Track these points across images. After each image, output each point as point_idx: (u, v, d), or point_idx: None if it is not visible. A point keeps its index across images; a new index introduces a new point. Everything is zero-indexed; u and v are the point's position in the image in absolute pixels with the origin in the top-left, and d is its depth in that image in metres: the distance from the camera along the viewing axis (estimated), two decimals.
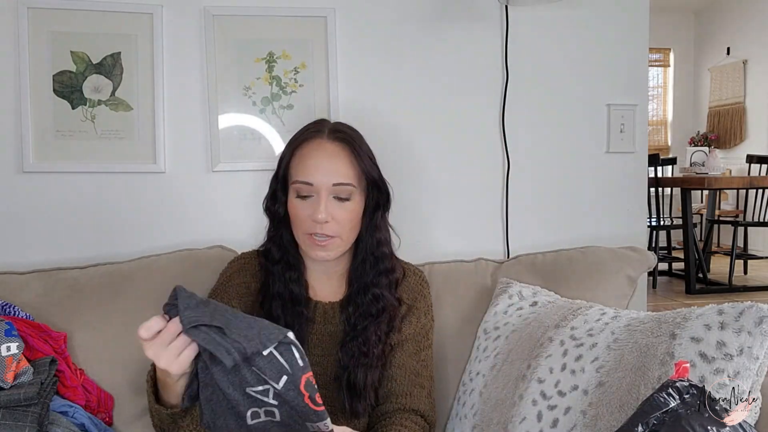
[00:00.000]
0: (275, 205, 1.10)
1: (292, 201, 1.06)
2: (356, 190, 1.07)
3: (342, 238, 1.06)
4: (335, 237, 1.05)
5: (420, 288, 1.18)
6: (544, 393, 1.01)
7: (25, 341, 1.05)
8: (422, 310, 1.16)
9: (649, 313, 1.04)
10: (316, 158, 1.05)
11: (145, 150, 1.43)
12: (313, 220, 1.03)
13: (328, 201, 1.04)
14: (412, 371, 1.11)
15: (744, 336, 0.85)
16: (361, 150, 1.08)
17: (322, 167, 1.04)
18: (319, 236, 1.04)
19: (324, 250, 1.05)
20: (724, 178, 4.63)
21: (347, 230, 1.06)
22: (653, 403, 0.72)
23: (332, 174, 1.04)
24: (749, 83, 6.25)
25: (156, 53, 1.42)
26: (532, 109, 1.60)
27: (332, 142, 1.07)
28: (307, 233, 1.05)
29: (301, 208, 1.05)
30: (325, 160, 1.05)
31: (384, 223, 1.12)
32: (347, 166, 1.05)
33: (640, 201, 1.69)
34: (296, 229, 1.07)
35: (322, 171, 1.04)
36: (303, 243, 1.07)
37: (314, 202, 1.04)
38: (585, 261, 1.38)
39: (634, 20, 1.64)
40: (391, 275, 1.12)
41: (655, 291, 4.53)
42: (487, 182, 1.59)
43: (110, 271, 1.29)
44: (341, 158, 1.05)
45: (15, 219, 1.40)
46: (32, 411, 0.94)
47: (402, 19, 1.53)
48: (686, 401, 0.71)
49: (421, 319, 1.15)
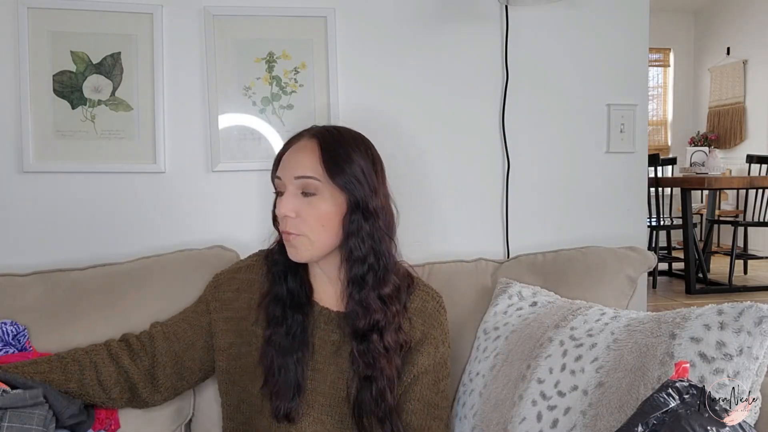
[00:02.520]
0: (274, 206, 1.09)
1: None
2: (323, 186, 1.00)
3: (309, 238, 1.00)
4: (300, 235, 1.00)
5: (437, 315, 1.11)
6: (543, 393, 1.01)
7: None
8: (439, 339, 1.10)
9: (649, 314, 1.04)
10: (288, 153, 1.03)
11: (145, 150, 1.43)
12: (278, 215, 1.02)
13: (293, 196, 1.00)
14: (431, 404, 1.07)
15: (744, 336, 0.86)
16: (334, 146, 1.01)
17: (289, 161, 1.02)
18: (288, 233, 1.01)
19: (293, 246, 1.02)
20: (724, 178, 4.63)
21: (315, 230, 1.00)
22: (653, 403, 0.72)
23: (295, 167, 1.00)
24: (749, 83, 6.25)
25: (156, 53, 1.42)
26: (532, 109, 1.60)
27: (308, 138, 1.03)
28: (282, 231, 1.03)
29: (277, 205, 1.02)
30: (293, 154, 1.02)
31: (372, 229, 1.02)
32: (313, 159, 1.00)
33: (640, 201, 1.69)
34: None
35: (287, 164, 1.02)
36: (284, 241, 1.05)
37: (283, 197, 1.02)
38: (585, 261, 1.38)
39: (634, 20, 1.64)
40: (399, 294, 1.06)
41: (655, 291, 4.53)
42: (487, 182, 1.59)
43: (110, 272, 1.29)
44: (308, 151, 1.01)
45: (15, 219, 1.40)
46: (38, 413, 0.94)
47: (402, 19, 1.53)
48: (686, 401, 0.72)
49: (439, 348, 1.09)
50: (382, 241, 1.03)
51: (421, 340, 1.08)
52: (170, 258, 1.32)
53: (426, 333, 1.08)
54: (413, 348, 1.07)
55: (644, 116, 1.67)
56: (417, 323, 1.08)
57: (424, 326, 1.09)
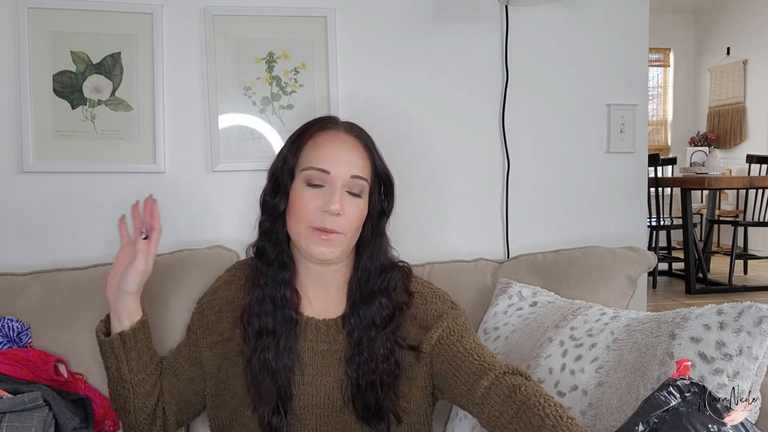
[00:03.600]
0: (276, 197, 1.02)
1: (300, 191, 0.99)
2: (367, 189, 1.02)
3: (347, 237, 0.99)
4: (341, 234, 0.98)
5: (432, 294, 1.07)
6: None
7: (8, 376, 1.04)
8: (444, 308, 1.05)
9: (649, 314, 1.04)
10: (335, 147, 1.00)
11: (145, 150, 1.43)
12: (325, 211, 0.96)
13: (342, 193, 0.98)
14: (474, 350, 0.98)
15: (743, 336, 0.86)
16: (375, 148, 1.05)
17: (341, 157, 0.99)
18: (326, 230, 0.97)
19: (328, 245, 0.98)
20: (724, 178, 4.63)
21: (353, 229, 1.00)
22: (654, 401, 0.72)
23: (350, 165, 0.99)
24: (749, 83, 6.25)
25: (156, 53, 1.42)
26: (532, 109, 1.60)
27: (349, 135, 1.03)
28: (312, 227, 0.97)
29: (310, 198, 0.98)
30: (344, 151, 1.00)
31: (385, 230, 1.07)
32: (364, 160, 1.02)
33: (640, 201, 1.69)
34: (299, 222, 0.99)
35: (341, 161, 0.99)
36: (305, 238, 0.98)
37: (327, 192, 0.98)
38: (585, 261, 1.38)
39: (634, 20, 1.64)
40: (398, 282, 1.05)
41: (655, 291, 4.53)
42: (487, 182, 1.59)
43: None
44: (359, 151, 1.02)
45: (15, 219, 1.40)
46: (38, 415, 0.94)
47: (402, 19, 1.53)
48: (687, 399, 0.72)
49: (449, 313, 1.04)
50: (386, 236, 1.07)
51: (424, 318, 1.04)
52: (170, 258, 1.32)
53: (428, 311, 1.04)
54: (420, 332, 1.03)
55: (644, 116, 1.67)
56: (419, 308, 1.04)
57: (423, 305, 1.05)
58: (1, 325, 1.14)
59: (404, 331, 1.03)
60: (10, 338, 1.14)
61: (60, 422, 0.98)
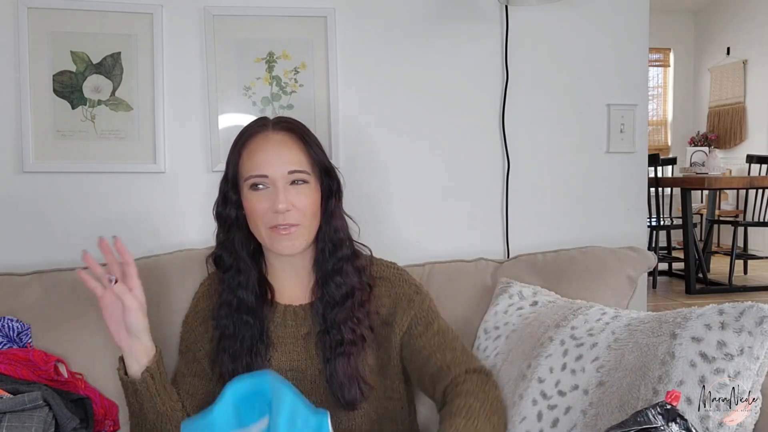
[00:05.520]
0: (227, 208, 1.07)
1: (249, 197, 1.03)
2: (311, 177, 1.05)
3: (304, 226, 1.03)
4: (298, 225, 1.02)
5: (398, 278, 1.13)
6: (544, 393, 1.01)
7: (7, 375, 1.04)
8: (411, 293, 1.11)
9: (650, 313, 1.04)
10: (266, 150, 1.03)
11: (145, 150, 1.43)
12: (274, 211, 1.01)
13: (285, 190, 1.01)
14: (437, 345, 1.07)
15: (744, 336, 0.85)
16: (309, 137, 1.07)
17: (274, 157, 1.02)
18: (282, 226, 1.01)
19: (289, 239, 1.02)
20: (724, 178, 4.63)
21: (308, 217, 1.04)
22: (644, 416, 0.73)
23: (285, 162, 1.02)
24: (749, 83, 6.25)
25: (156, 53, 1.42)
26: (532, 109, 1.60)
27: (278, 132, 1.05)
28: (269, 227, 1.02)
29: (258, 201, 1.02)
30: (276, 150, 1.03)
31: (339, 210, 1.09)
32: (298, 153, 1.04)
33: (640, 201, 1.69)
34: (256, 226, 1.04)
35: (275, 161, 1.02)
36: (267, 238, 1.04)
37: (271, 193, 1.02)
38: (585, 261, 1.38)
39: (634, 20, 1.64)
40: (355, 261, 1.09)
41: (655, 291, 4.53)
42: (487, 182, 1.59)
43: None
44: (290, 146, 1.04)
45: (15, 219, 1.40)
46: (38, 415, 0.94)
47: (402, 19, 1.53)
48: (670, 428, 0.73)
49: (414, 299, 1.10)
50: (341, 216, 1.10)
51: (393, 305, 1.10)
52: (170, 258, 1.32)
53: (394, 297, 1.10)
54: (389, 316, 1.09)
55: (644, 116, 1.67)
56: (383, 292, 1.10)
57: (390, 291, 1.11)
58: (1, 325, 1.14)
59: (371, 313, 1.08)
60: (10, 338, 1.14)
61: (60, 422, 0.98)
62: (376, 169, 1.54)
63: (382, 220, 1.53)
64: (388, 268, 1.14)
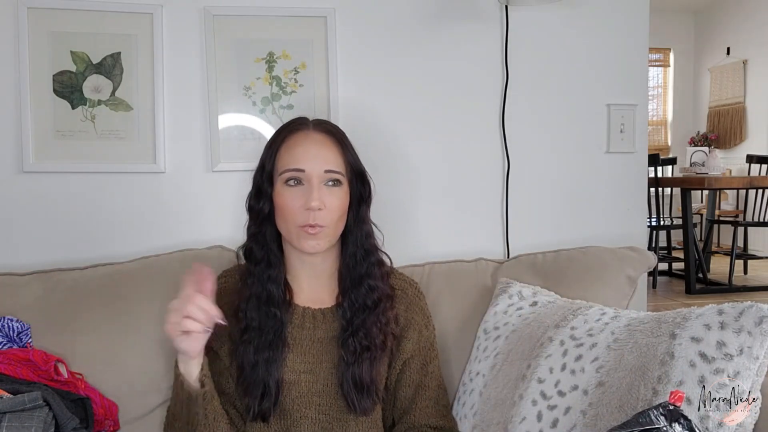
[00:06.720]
0: (260, 202, 1.08)
1: (282, 193, 1.05)
2: (344, 179, 1.08)
3: (330, 227, 1.05)
4: (325, 226, 1.04)
5: (417, 300, 1.17)
6: (544, 393, 1.01)
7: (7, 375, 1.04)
8: (422, 324, 1.15)
9: (649, 313, 1.04)
10: (306, 146, 1.06)
11: (145, 150, 1.43)
12: (307, 209, 1.02)
13: (319, 188, 1.04)
14: (420, 385, 1.12)
15: (744, 336, 0.86)
16: (346, 141, 1.10)
17: (312, 154, 1.05)
18: (311, 226, 1.03)
19: (315, 239, 1.04)
20: (724, 178, 4.63)
21: (336, 219, 1.06)
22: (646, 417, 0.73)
23: (323, 161, 1.05)
24: (749, 83, 6.25)
25: (156, 53, 1.42)
26: (532, 109, 1.60)
27: (318, 132, 1.09)
28: (298, 225, 1.03)
29: (291, 198, 1.04)
30: (315, 148, 1.06)
31: (368, 216, 1.13)
32: (336, 154, 1.07)
33: (640, 201, 1.69)
34: (286, 222, 1.05)
35: (313, 158, 1.05)
36: (294, 236, 1.05)
37: (306, 190, 1.03)
38: (585, 261, 1.38)
39: (634, 20, 1.64)
40: (382, 267, 1.12)
41: (655, 291, 4.53)
42: (487, 182, 1.59)
43: (110, 272, 1.29)
44: (329, 147, 1.07)
45: (15, 219, 1.40)
46: (38, 415, 0.94)
47: (402, 19, 1.53)
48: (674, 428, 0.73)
49: (423, 332, 1.15)
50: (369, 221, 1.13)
51: (405, 326, 1.13)
52: (170, 258, 1.32)
53: (409, 319, 1.14)
54: (399, 335, 1.11)
55: (644, 116, 1.67)
56: (400, 309, 1.13)
57: (407, 312, 1.14)
58: (1, 325, 1.14)
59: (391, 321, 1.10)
60: (10, 338, 1.14)
61: (60, 422, 0.98)
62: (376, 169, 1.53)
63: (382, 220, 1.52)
64: (410, 286, 1.18)
